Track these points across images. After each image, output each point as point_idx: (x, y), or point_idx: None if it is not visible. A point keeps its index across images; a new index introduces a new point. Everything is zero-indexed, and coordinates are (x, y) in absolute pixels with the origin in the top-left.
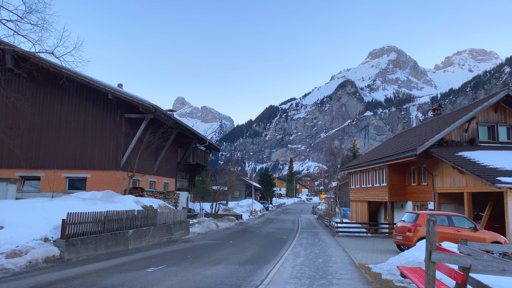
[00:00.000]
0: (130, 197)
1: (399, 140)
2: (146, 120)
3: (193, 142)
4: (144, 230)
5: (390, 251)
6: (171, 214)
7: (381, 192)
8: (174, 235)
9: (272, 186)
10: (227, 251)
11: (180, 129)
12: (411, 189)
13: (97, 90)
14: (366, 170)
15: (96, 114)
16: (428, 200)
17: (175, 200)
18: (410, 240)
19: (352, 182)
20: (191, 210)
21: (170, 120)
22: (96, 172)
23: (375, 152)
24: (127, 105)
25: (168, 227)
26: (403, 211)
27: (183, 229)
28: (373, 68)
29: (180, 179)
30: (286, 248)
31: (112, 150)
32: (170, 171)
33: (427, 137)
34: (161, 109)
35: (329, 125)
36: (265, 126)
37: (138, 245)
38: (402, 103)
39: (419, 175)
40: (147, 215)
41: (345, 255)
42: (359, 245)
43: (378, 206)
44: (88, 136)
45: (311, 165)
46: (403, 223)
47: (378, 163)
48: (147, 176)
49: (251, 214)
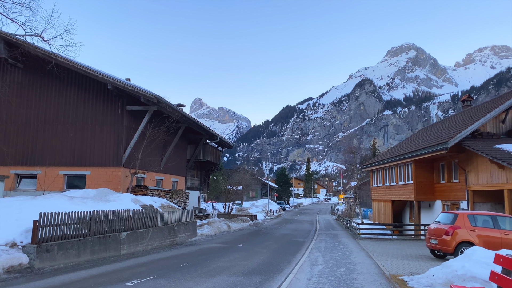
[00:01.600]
0: (128, 195)
1: (425, 135)
2: (149, 113)
3: (203, 138)
4: (141, 232)
5: (423, 257)
6: (175, 215)
7: (407, 190)
8: (178, 238)
9: (289, 186)
10: (233, 256)
11: (188, 124)
12: (440, 187)
13: (96, 81)
14: (389, 167)
15: (96, 106)
16: (460, 198)
17: (183, 200)
18: (448, 244)
19: (374, 180)
20: (202, 210)
21: (175, 113)
22: (96, 169)
23: (398, 148)
24: (129, 96)
25: (171, 229)
26: (431, 211)
27: (189, 230)
28: (391, 67)
29: (190, 178)
30: (302, 253)
31: (113, 145)
32: (179, 168)
33: (459, 128)
34: (165, 100)
35: (347, 124)
36: (282, 126)
37: (134, 250)
38: (421, 101)
39: (449, 171)
40: (145, 216)
41: (371, 263)
42: (385, 249)
43: (403, 206)
44: (87, 131)
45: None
46: (438, 225)
47: (403, 158)
48: (153, 173)
49: (267, 214)
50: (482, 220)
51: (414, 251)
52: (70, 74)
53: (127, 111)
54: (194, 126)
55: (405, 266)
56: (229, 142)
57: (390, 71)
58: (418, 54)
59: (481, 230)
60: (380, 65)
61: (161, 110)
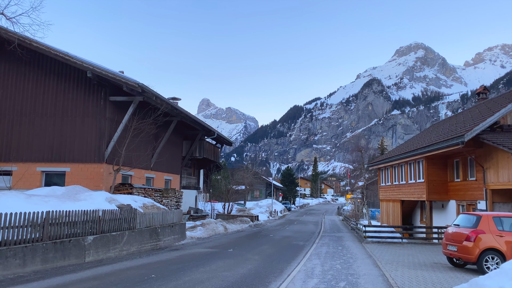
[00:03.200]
0: (102, 193)
1: (437, 130)
2: (134, 103)
3: (199, 134)
4: (113, 236)
5: (439, 266)
6: (159, 216)
7: (417, 189)
8: (163, 241)
9: (295, 186)
10: (216, 265)
11: (181, 117)
12: (454, 186)
13: (77, 70)
14: (398, 165)
15: (77, 97)
16: (477, 198)
17: (176, 199)
18: (469, 252)
19: (382, 179)
20: (199, 211)
21: (163, 104)
22: (76, 166)
23: (408, 144)
24: (113, 86)
25: (154, 232)
26: (444, 212)
27: (176, 233)
28: (400, 66)
29: (186, 176)
30: (299, 260)
31: (95, 139)
32: (173, 166)
33: (476, 121)
34: (151, 89)
35: (355, 124)
36: (290, 126)
37: (104, 256)
38: (430, 101)
39: (465, 168)
40: (120, 217)
41: (378, 274)
42: (394, 255)
43: (413, 206)
44: (67, 123)
45: (337, 165)
46: (457, 229)
47: (414, 155)
48: (143, 171)
49: (271, 215)
50: (510, 223)
51: (427, 258)
52: (48, 62)
53: (110, 102)
54: (187, 120)
55: (420, 280)
56: (228, 139)
57: (399, 71)
58: (426, 54)
59: (510, 235)
60: (388, 64)
61: (147, 101)
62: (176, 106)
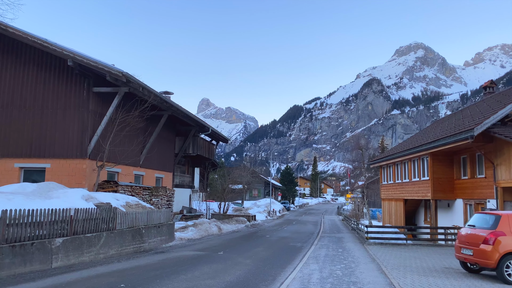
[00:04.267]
0: (79, 191)
1: (442, 125)
2: (120, 95)
3: (193, 129)
4: (88, 238)
5: (452, 271)
6: (143, 215)
7: (422, 187)
8: (148, 243)
9: (294, 185)
10: (201, 271)
11: (172, 111)
12: (461, 184)
13: (58, 58)
14: (401, 162)
15: (58, 88)
16: (486, 197)
17: (167, 198)
18: (488, 257)
19: (384, 177)
20: (192, 210)
21: (151, 95)
22: (57, 162)
23: (411, 141)
24: (96, 76)
25: (137, 233)
26: (449, 212)
27: (163, 234)
28: (400, 66)
29: (180, 174)
30: (295, 264)
31: (77, 133)
32: (164, 163)
33: (486, 114)
34: (136, 79)
35: (355, 124)
36: (289, 126)
37: (76, 260)
38: (430, 101)
39: (473, 165)
40: (96, 217)
41: (386, 283)
42: (400, 259)
43: (417, 206)
44: (47, 116)
45: (337, 165)
46: (473, 230)
47: (418, 151)
48: (131, 168)
49: (269, 214)
50: None
51: (437, 262)
52: (27, 50)
53: (94, 94)
54: (179, 115)
55: None
56: (223, 135)
57: (398, 71)
58: (426, 53)
59: None
60: (388, 64)
61: (134, 92)
62: (166, 99)
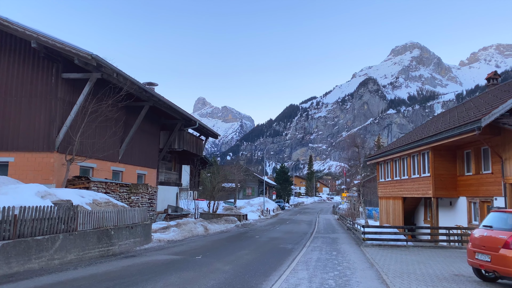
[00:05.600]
0: (32, 186)
1: (444, 119)
2: (91, 81)
3: (178, 123)
4: (38, 241)
5: (464, 280)
6: (112, 214)
7: (422, 185)
8: (118, 246)
9: (289, 184)
10: (166, 282)
11: (154, 102)
12: (465, 180)
13: (23, 41)
14: (400, 158)
15: (23, 73)
16: (493, 194)
17: (149, 196)
18: (510, 264)
19: (381, 174)
20: (178, 209)
21: (127, 82)
22: (22, 155)
23: (410, 135)
24: (66, 61)
25: (104, 234)
26: (451, 211)
27: (137, 235)
28: (395, 65)
29: (165, 171)
30: (281, 272)
31: (44, 123)
32: (147, 159)
33: (493, 104)
34: (109, 63)
35: (351, 123)
36: (286, 125)
37: (20, 268)
38: (426, 100)
39: (478, 160)
40: (52, 216)
41: None
42: (402, 264)
43: (416, 204)
44: (10, 105)
45: (333, 164)
46: (489, 232)
47: (419, 145)
48: (108, 163)
49: (262, 214)
50: None
51: (444, 268)
52: None
53: (63, 80)
54: (162, 107)
55: None
56: (212, 130)
57: (394, 70)
58: (422, 53)
59: None
60: (384, 64)
61: (108, 79)
62: (145, 88)
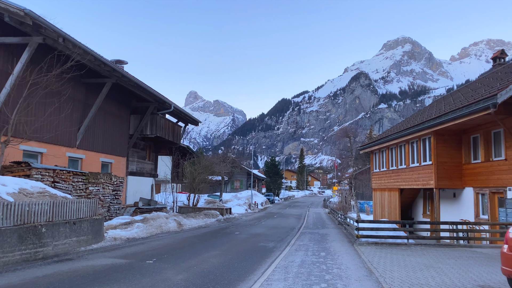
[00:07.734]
0: None
1: (446, 102)
2: (31, 47)
3: (151, 106)
4: None
5: None
6: (44, 207)
7: (423, 174)
8: (52, 246)
9: (279, 177)
10: None
11: (117, 79)
12: (472, 169)
13: None
14: (397, 145)
15: None
16: (506, 184)
17: (114, 187)
18: None
19: (376, 164)
20: (152, 202)
21: (77, 50)
22: None
23: (408, 121)
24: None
25: (31, 232)
26: (455, 203)
27: (82, 233)
28: (387, 60)
29: (138, 160)
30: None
31: None
32: (114, 146)
33: (509, 78)
34: (53, 25)
35: (343, 118)
36: (278, 120)
37: None
38: (417, 95)
39: (488, 145)
40: None
41: None
42: (407, 269)
43: (414, 196)
44: None
45: (324, 158)
46: None
47: (420, 129)
48: (63, 148)
49: (249, 207)
50: None
51: (462, 275)
52: None
53: None
54: (127, 84)
55: None
56: (191, 116)
57: (386, 65)
58: (413, 48)
59: None
60: (376, 58)
61: (52, 45)
62: (103, 59)
